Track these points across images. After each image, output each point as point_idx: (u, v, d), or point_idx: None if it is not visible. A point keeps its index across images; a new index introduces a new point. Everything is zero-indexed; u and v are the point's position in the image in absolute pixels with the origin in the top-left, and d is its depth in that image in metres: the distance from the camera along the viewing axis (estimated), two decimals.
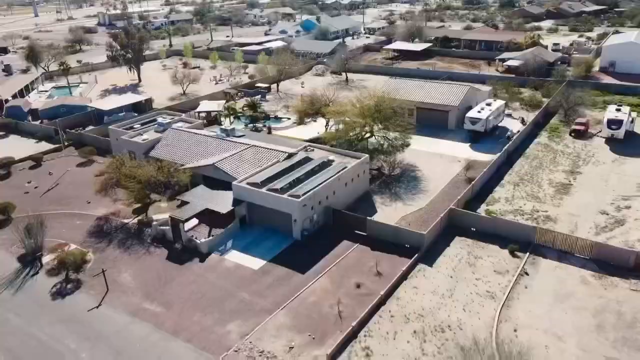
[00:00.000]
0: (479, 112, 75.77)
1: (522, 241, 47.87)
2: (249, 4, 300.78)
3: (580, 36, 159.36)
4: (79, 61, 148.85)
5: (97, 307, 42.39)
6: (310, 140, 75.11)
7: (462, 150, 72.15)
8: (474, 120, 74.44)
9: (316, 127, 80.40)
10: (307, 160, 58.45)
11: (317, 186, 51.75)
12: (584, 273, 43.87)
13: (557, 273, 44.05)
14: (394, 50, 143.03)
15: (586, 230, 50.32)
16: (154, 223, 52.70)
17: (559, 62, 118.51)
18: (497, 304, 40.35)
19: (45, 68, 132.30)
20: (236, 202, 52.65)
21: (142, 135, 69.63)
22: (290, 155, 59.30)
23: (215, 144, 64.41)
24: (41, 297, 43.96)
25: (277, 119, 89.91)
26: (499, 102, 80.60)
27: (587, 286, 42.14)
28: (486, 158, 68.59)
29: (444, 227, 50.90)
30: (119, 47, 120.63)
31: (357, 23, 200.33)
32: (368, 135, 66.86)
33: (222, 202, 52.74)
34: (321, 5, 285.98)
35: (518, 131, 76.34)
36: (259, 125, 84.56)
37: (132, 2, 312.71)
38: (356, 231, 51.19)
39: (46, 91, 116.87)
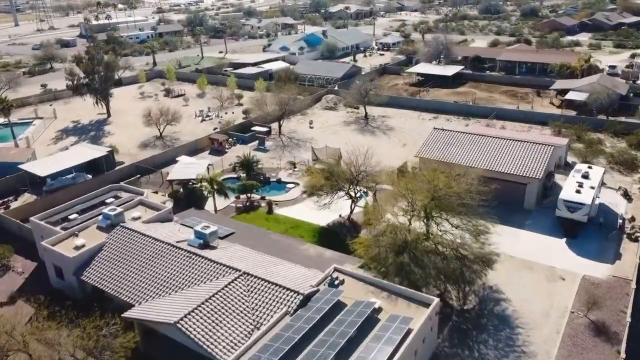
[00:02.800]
0: (577, 191, 50.73)
1: None
2: (245, 12, 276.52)
3: (633, 55, 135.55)
4: (43, 85, 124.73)
5: None
6: (332, 234, 51.67)
7: (558, 254, 48.03)
8: (574, 207, 49.65)
9: (337, 204, 56.28)
10: (336, 310, 34.39)
11: None
12: None
13: None
14: (418, 74, 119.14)
15: None
16: None
17: (631, 94, 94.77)
18: None
19: None
20: None
21: (76, 236, 45.55)
22: (306, 299, 35.25)
23: (185, 264, 40.39)
24: None
25: (280, 184, 66.12)
26: (598, 170, 56.33)
27: None
28: (599, 271, 44.90)
29: None
30: (82, 75, 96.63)
31: (367, 37, 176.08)
32: (423, 237, 43.04)
33: None
34: (325, 15, 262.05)
35: (633, 218, 52.39)
36: (256, 197, 60.80)
37: (120, 10, 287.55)
38: None
39: None
